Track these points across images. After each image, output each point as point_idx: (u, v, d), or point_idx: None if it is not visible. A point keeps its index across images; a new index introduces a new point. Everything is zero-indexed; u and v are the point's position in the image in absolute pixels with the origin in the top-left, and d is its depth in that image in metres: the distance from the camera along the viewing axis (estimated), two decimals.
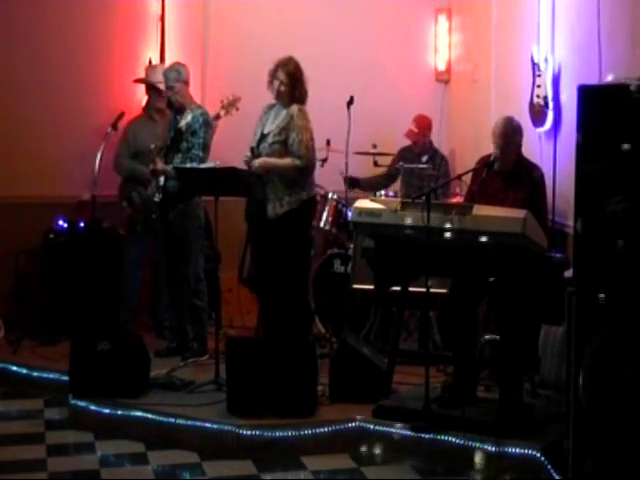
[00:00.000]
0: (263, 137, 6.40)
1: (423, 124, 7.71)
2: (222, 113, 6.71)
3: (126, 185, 7.31)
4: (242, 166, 6.34)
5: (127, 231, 7.36)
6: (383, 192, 7.49)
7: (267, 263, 6.44)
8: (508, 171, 5.83)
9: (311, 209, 6.56)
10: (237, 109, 6.69)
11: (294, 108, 6.35)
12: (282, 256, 6.33)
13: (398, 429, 5.48)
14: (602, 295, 4.66)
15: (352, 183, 7.42)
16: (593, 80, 5.86)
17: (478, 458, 5.23)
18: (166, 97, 6.99)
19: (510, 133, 5.82)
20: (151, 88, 7.36)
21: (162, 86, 7.20)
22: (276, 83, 6.38)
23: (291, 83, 6.35)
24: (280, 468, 5.43)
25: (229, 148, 6.74)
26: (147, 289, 7.57)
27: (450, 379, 5.85)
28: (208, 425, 5.61)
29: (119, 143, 7.31)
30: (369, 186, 7.65)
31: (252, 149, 6.38)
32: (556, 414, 5.43)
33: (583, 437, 4.73)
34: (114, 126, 7.04)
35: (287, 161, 6.30)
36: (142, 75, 7.58)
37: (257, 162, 6.32)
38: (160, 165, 6.71)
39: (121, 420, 5.85)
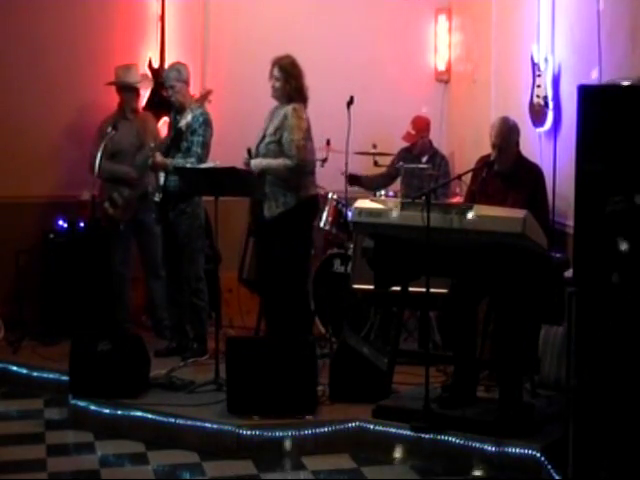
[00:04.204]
0: (263, 138, 6.40)
1: (420, 126, 7.70)
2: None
3: (106, 186, 7.27)
4: (242, 167, 6.34)
5: (110, 232, 7.31)
6: (383, 192, 7.49)
7: (267, 263, 6.44)
8: (508, 171, 5.83)
9: (311, 209, 6.52)
10: (209, 101, 6.68)
11: (289, 107, 6.31)
12: (280, 256, 6.32)
13: (398, 429, 5.47)
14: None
15: (353, 180, 7.42)
16: (593, 80, 5.86)
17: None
18: (135, 97, 7.05)
19: (507, 133, 5.80)
20: (124, 89, 7.31)
21: (139, 85, 7.23)
22: (272, 81, 6.37)
23: (284, 78, 6.31)
24: (280, 468, 5.43)
25: (229, 148, 6.73)
26: (144, 288, 7.56)
27: (450, 379, 5.86)
28: (208, 425, 5.61)
29: (94, 145, 7.08)
30: (370, 184, 7.65)
31: (248, 150, 6.37)
32: (556, 414, 5.43)
33: (589, 445, 4.72)
34: (114, 126, 7.02)
35: (279, 161, 6.28)
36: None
37: (252, 163, 6.33)
38: (160, 158, 6.69)
39: (121, 420, 5.85)
